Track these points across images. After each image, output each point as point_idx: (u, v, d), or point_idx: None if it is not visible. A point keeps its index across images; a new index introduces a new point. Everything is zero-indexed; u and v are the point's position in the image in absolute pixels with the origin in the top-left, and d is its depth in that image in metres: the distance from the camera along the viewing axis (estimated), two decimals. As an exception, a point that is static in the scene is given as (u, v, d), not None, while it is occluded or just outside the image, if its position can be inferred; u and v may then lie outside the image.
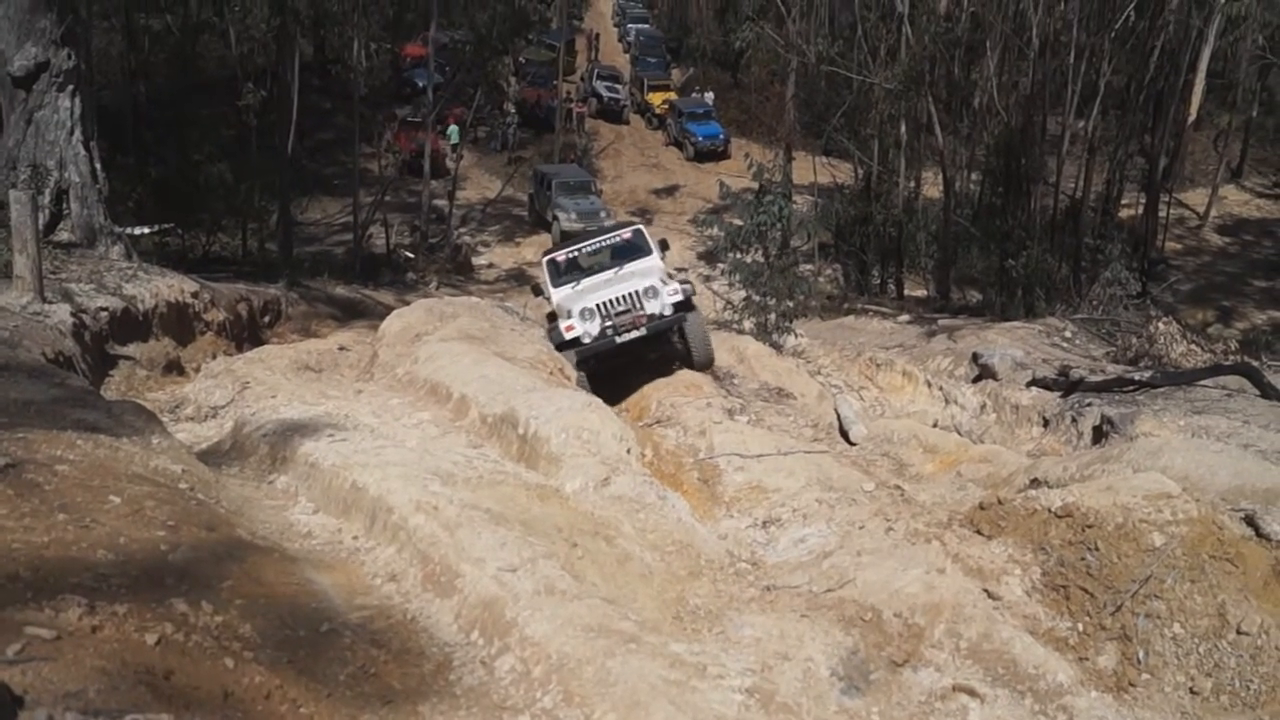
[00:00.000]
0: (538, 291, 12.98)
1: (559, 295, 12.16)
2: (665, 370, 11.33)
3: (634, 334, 11.27)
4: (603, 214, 27.04)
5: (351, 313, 17.53)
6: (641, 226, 13.10)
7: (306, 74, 27.10)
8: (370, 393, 9.78)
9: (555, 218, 27.07)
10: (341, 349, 12.57)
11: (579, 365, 10.96)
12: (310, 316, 16.27)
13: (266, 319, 14.91)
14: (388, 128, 30.87)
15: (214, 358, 11.84)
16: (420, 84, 30.94)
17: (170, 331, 11.75)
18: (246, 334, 13.67)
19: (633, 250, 12.53)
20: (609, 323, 11.25)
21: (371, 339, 12.44)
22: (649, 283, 11.44)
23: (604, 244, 12.78)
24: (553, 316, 12.44)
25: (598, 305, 11.28)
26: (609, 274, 12.13)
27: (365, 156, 27.99)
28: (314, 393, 9.61)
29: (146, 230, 18.08)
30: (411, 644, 4.92)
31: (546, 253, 12.94)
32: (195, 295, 12.50)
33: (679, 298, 11.43)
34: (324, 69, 34.22)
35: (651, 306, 11.33)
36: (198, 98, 25.98)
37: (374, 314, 16.53)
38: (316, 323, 16.10)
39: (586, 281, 12.11)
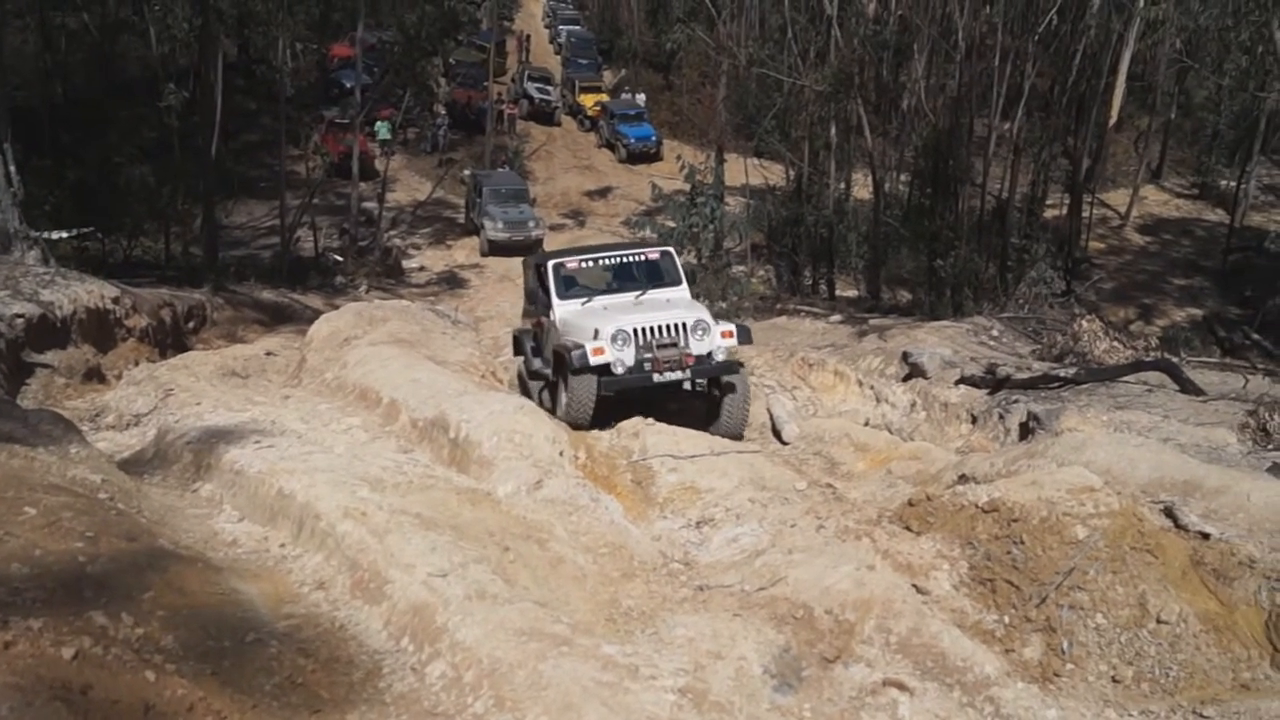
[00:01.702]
0: (532, 298, 11.00)
1: (565, 310, 10.18)
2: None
3: (676, 375, 9.37)
4: (531, 224, 26.70)
5: (279, 317, 17.25)
6: (672, 250, 11.07)
7: (230, 74, 26.59)
8: (298, 398, 9.67)
9: (482, 225, 26.83)
10: (269, 354, 12.40)
11: (599, 395, 9.21)
12: (236, 321, 15.98)
13: (191, 325, 14.62)
14: (315, 129, 30.43)
15: (136, 364, 11.62)
16: (348, 85, 30.48)
17: (90, 338, 11.47)
18: (170, 340, 13.37)
19: (658, 274, 10.63)
20: (648, 355, 9.31)
21: (299, 344, 12.29)
22: (699, 315, 9.58)
23: (624, 259, 10.86)
24: (535, 334, 10.77)
25: (635, 330, 9.32)
26: (629, 296, 10.29)
27: (292, 158, 27.50)
28: (240, 399, 9.48)
29: (64, 234, 17.66)
30: (340, 652, 4.86)
31: (550, 255, 10.96)
32: (116, 301, 12.21)
33: (732, 343, 9.67)
34: (249, 69, 33.63)
35: (699, 346, 9.44)
36: (117, 98, 25.28)
37: (302, 318, 16.29)
38: (243, 328, 15.82)
39: (603, 300, 10.25)
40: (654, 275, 10.61)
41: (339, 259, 25.21)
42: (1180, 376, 10.90)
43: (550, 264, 10.52)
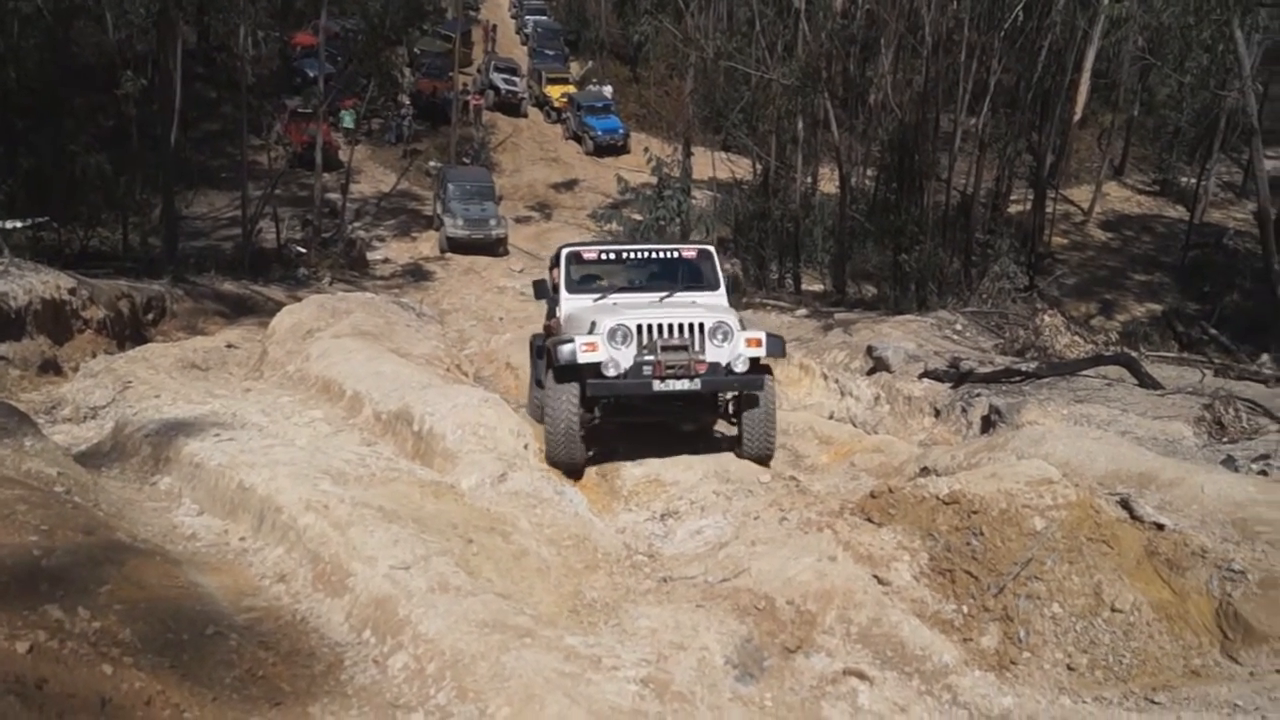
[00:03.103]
0: (541, 292, 9.60)
1: (573, 305, 8.88)
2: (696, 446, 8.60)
3: (680, 385, 7.84)
4: (493, 222, 26.34)
5: (241, 309, 17.09)
6: (712, 249, 9.65)
7: (190, 62, 26.29)
8: (259, 391, 9.61)
9: (442, 221, 26.63)
10: (230, 346, 12.31)
11: (585, 406, 7.90)
12: (197, 314, 15.82)
13: (150, 316, 14.45)
14: (277, 119, 30.17)
15: (94, 356, 11.48)
16: (311, 74, 30.23)
17: (46, 330, 11.31)
18: (129, 332, 13.22)
19: (693, 276, 9.28)
20: (650, 357, 7.84)
21: (261, 336, 12.22)
22: (721, 318, 8.15)
23: (654, 255, 9.58)
24: (547, 336, 9.28)
25: (639, 327, 7.92)
26: (652, 297, 8.89)
27: (254, 148, 27.21)
28: (200, 391, 9.41)
29: (19, 224, 17.41)
30: (301, 645, 4.83)
31: (567, 244, 9.71)
32: (73, 292, 12.05)
33: (759, 353, 8.11)
34: (209, 57, 33.28)
35: (716, 353, 7.98)
36: (73, 85, 24.89)
37: (264, 311, 16.14)
38: (204, 320, 15.66)
39: (619, 298, 8.95)
40: (688, 277, 9.31)
41: (302, 251, 24.97)
42: (1139, 371, 11.05)
43: (565, 251, 9.29)
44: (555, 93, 40.31)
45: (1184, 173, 34.42)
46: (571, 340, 7.82)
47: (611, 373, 7.79)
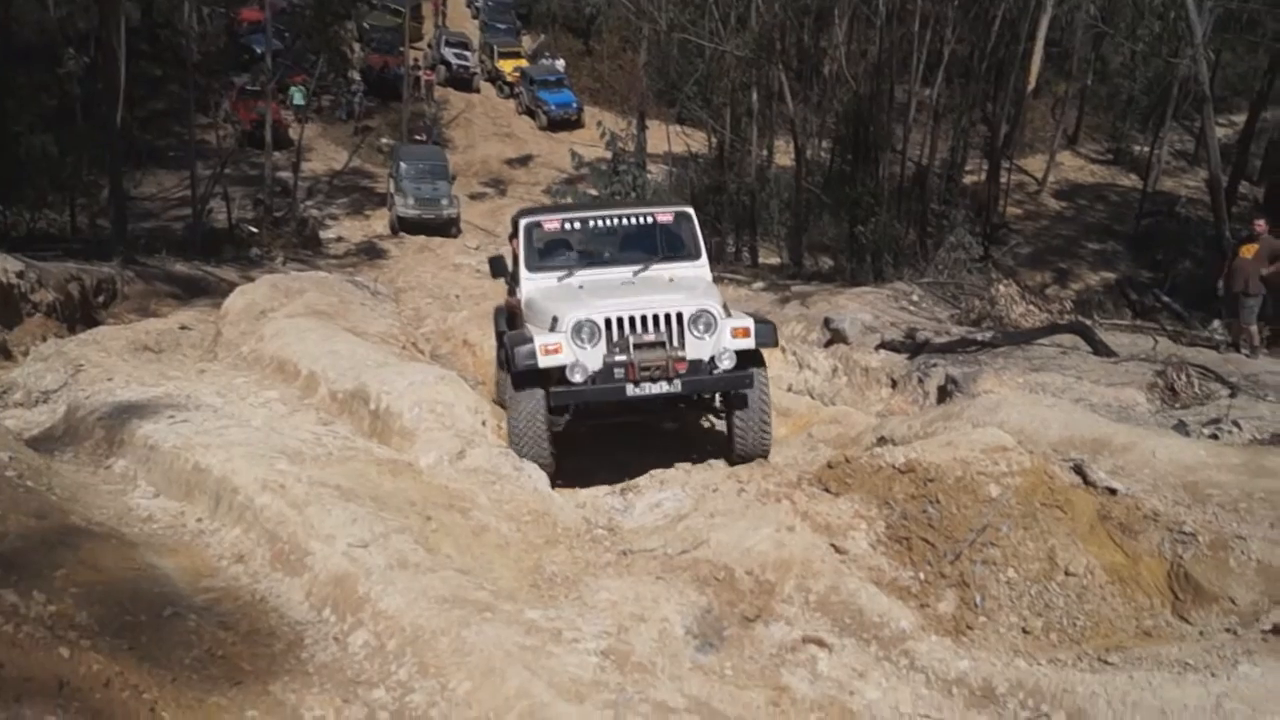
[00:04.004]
0: (499, 269, 8.59)
1: (534, 285, 7.98)
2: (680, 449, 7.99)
3: (658, 389, 6.98)
4: (445, 201, 25.87)
5: (193, 290, 16.85)
6: (690, 211, 8.60)
7: (134, 39, 25.78)
8: (214, 372, 9.50)
9: (393, 200, 26.30)
10: (183, 328, 12.15)
11: (552, 414, 7.16)
12: (149, 295, 15.58)
13: (101, 299, 14.22)
14: (225, 97, 29.70)
15: (44, 340, 11.28)
16: (258, 50, 29.75)
17: (-7, 314, 11.13)
18: (79, 315, 13.00)
19: (671, 243, 8.35)
20: (621, 357, 6.97)
21: (215, 317, 12.08)
22: (702, 304, 7.21)
23: (624, 220, 8.43)
24: (513, 317, 8.46)
25: (608, 321, 7.04)
26: (625, 271, 8.05)
27: (202, 127, 26.80)
28: (153, 374, 9.28)
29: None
30: (261, 624, 4.81)
31: (528, 212, 8.66)
32: (20, 275, 11.83)
33: (748, 344, 7.20)
34: (153, 34, 32.65)
35: (699, 348, 7.09)
36: (13, 65, 24.37)
37: (217, 291, 15.93)
38: (156, 302, 15.43)
39: (587, 275, 8.00)
40: (665, 245, 8.35)
41: (254, 230, 24.66)
42: (1093, 339, 11.22)
43: (523, 222, 8.30)
44: (507, 67, 39.98)
45: (1137, 141, 34.75)
46: (530, 341, 7.04)
47: (578, 378, 6.95)
